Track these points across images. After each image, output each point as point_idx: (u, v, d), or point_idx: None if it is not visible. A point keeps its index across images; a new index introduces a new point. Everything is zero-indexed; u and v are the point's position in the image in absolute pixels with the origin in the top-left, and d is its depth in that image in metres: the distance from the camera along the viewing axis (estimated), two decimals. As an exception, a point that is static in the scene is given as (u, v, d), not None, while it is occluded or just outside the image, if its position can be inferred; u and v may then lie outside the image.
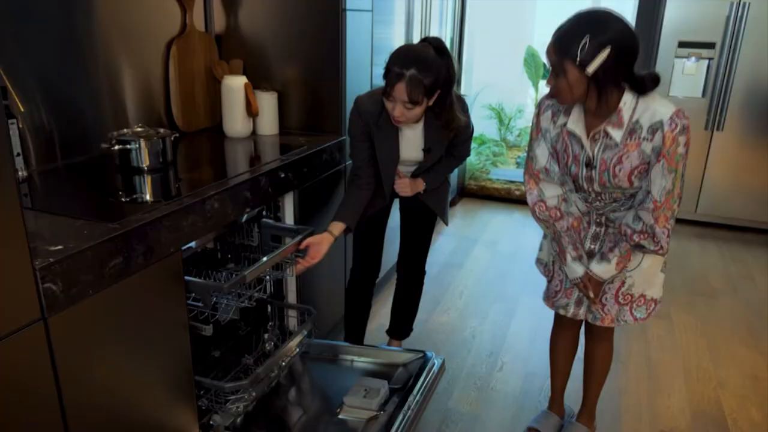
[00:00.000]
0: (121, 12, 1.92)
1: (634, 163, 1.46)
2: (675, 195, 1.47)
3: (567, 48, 1.36)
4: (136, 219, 1.33)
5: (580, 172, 1.55)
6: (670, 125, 1.39)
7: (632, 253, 1.60)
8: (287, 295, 2.11)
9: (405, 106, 1.69)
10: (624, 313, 1.70)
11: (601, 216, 1.64)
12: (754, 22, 3.50)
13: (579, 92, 1.40)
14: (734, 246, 3.71)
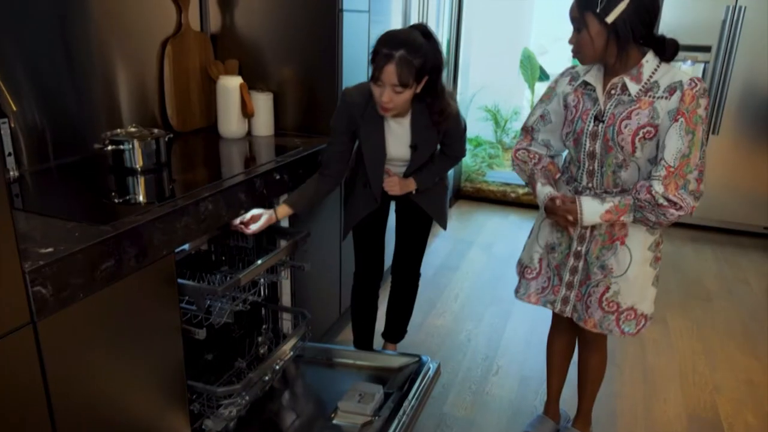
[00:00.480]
0: (115, 11, 1.89)
1: (642, 121, 1.43)
2: (691, 163, 1.39)
3: (588, 1, 1.39)
4: (128, 221, 1.31)
5: (586, 127, 1.52)
6: (690, 84, 1.38)
7: (630, 219, 1.51)
8: (281, 297, 2.09)
9: (394, 90, 1.64)
10: (608, 321, 1.65)
11: (582, 244, 1.63)
12: (749, 25, 3.51)
13: (600, 45, 1.41)
14: (729, 249, 3.72)
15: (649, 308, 1.66)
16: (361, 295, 2.18)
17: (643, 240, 1.58)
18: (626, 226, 1.57)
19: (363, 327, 2.23)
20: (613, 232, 1.59)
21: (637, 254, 1.58)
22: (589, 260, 1.64)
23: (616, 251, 1.59)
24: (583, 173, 1.59)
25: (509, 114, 5.26)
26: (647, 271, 1.61)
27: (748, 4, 3.48)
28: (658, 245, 1.61)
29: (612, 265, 1.61)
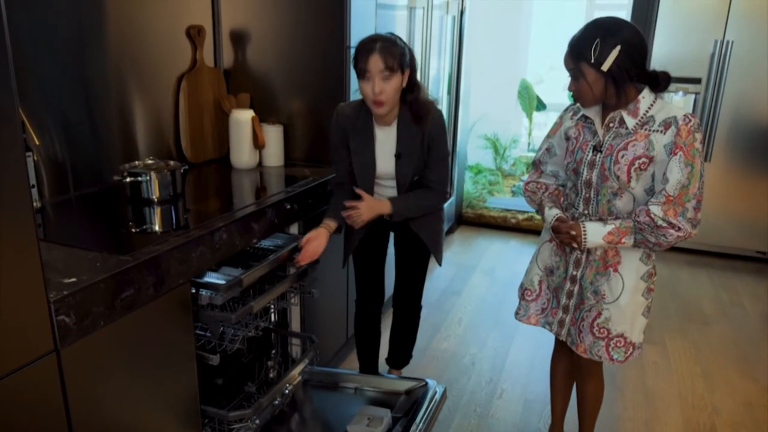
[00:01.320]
0: (134, 49, 1.99)
1: (637, 152, 1.50)
2: (690, 193, 1.47)
3: (581, 52, 1.49)
4: (147, 251, 1.37)
5: (585, 156, 1.61)
6: (685, 120, 1.46)
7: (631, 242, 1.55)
8: (291, 323, 2.14)
9: (382, 77, 1.70)
10: (598, 347, 1.69)
11: (578, 269, 1.69)
12: (737, 58, 3.64)
13: (599, 90, 1.51)
14: (724, 273, 3.78)
15: (637, 337, 1.69)
16: (363, 322, 2.22)
17: (636, 269, 1.63)
18: (619, 254, 1.63)
19: (367, 353, 2.27)
20: (606, 258, 1.64)
21: (629, 282, 1.63)
22: (584, 285, 1.70)
23: (609, 278, 1.64)
24: (580, 200, 1.66)
25: (508, 142, 5.38)
26: (639, 300, 1.66)
27: (736, 38, 3.61)
28: (650, 276, 1.66)
29: (605, 291, 1.65)
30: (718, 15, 3.62)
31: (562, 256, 1.75)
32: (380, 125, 1.89)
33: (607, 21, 1.51)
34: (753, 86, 3.66)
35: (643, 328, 1.70)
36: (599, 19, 1.53)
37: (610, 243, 1.58)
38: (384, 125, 1.89)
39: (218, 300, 1.54)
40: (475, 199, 4.70)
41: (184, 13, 2.20)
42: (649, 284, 1.67)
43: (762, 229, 3.86)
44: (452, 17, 3.71)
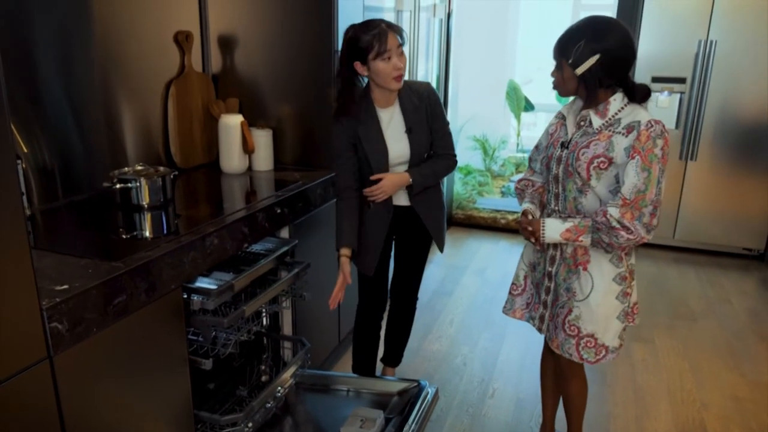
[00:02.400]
0: (122, 55, 2.00)
1: (597, 152, 1.54)
2: (647, 198, 1.49)
3: (565, 48, 1.53)
4: (138, 257, 1.38)
5: (555, 152, 1.66)
6: (647, 125, 1.49)
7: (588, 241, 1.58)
8: (283, 326, 2.15)
9: (399, 51, 1.81)
10: (569, 344, 1.70)
11: (553, 266, 1.73)
12: (721, 58, 3.70)
13: (570, 88, 1.58)
14: (711, 270, 3.84)
15: (611, 341, 1.68)
16: (366, 328, 2.23)
17: (607, 270, 1.64)
18: (588, 253, 1.65)
19: (365, 356, 2.28)
20: (576, 256, 1.67)
21: (599, 283, 1.64)
22: (558, 282, 1.73)
23: (579, 276, 1.66)
24: (551, 197, 1.71)
25: (497, 143, 5.41)
26: (612, 303, 1.65)
27: (719, 38, 3.67)
28: (624, 279, 1.66)
29: (575, 289, 1.68)
30: (701, 15, 3.68)
31: (542, 252, 1.78)
32: (383, 108, 1.94)
33: (600, 24, 1.52)
34: (736, 85, 3.72)
35: (618, 332, 1.69)
36: (596, 18, 1.55)
37: (568, 240, 1.61)
38: (387, 107, 1.94)
39: (210, 305, 1.55)
40: (465, 200, 4.73)
41: (171, 19, 2.20)
42: (624, 288, 1.67)
43: (747, 226, 3.92)
44: (439, 20, 3.73)
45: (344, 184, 1.98)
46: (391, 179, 1.94)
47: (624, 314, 1.69)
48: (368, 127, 1.92)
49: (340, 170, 1.98)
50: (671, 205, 4.03)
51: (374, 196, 1.95)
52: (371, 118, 1.92)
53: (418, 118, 1.94)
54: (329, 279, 2.32)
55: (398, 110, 1.94)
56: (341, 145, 1.96)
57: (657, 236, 4.13)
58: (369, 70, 1.84)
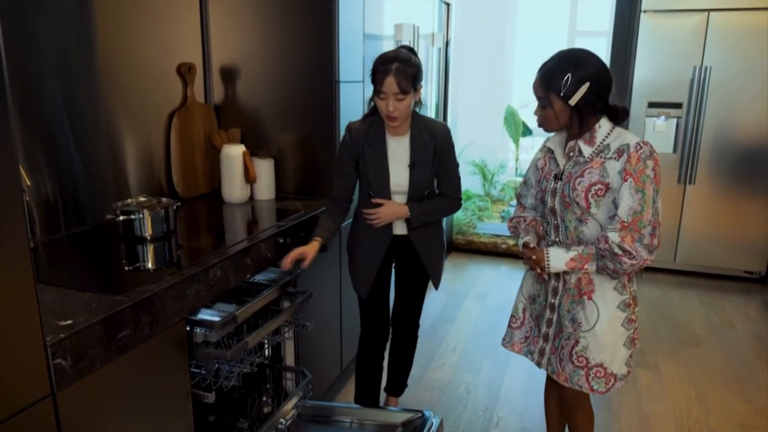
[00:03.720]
0: (125, 87, 2.02)
1: (593, 179, 1.55)
2: (644, 219, 1.50)
3: (551, 83, 1.55)
4: (142, 290, 1.37)
5: (549, 185, 1.67)
6: (636, 147, 1.52)
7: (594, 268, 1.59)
8: (285, 357, 2.13)
9: (396, 98, 1.82)
10: (578, 376, 1.67)
11: (556, 297, 1.71)
12: (716, 83, 3.75)
13: (563, 120, 1.58)
14: (713, 293, 3.82)
15: (619, 368, 1.67)
16: (369, 358, 2.22)
17: (611, 298, 1.64)
18: (593, 282, 1.64)
19: (368, 385, 2.26)
20: (581, 286, 1.65)
21: (604, 311, 1.63)
22: (561, 313, 1.71)
23: (584, 306, 1.65)
24: (551, 228, 1.71)
25: (496, 168, 5.45)
26: (618, 331, 1.65)
27: (714, 64, 3.73)
28: (628, 306, 1.65)
29: (581, 319, 1.66)
30: (695, 42, 3.74)
31: (542, 284, 1.76)
32: (393, 135, 1.96)
33: (578, 55, 1.56)
34: (732, 110, 3.77)
35: (625, 359, 1.68)
36: (571, 52, 1.58)
37: (573, 269, 1.61)
38: (397, 135, 1.96)
39: (213, 337, 1.54)
40: (465, 225, 4.73)
41: (174, 51, 2.23)
42: (629, 314, 1.66)
43: (748, 249, 3.93)
44: (438, 48, 3.79)
45: (337, 193, 2.04)
46: (390, 208, 1.97)
47: (630, 341, 1.67)
48: (374, 150, 1.95)
49: (337, 182, 2.04)
50: (671, 229, 4.05)
51: (370, 220, 1.98)
52: (379, 142, 1.95)
53: (424, 155, 1.95)
54: (332, 308, 2.32)
55: (407, 142, 1.96)
56: (343, 158, 2.00)
57: (658, 260, 4.14)
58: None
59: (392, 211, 1.98)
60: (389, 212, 1.97)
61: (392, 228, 2.02)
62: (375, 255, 2.04)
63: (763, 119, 3.72)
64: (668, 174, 3.97)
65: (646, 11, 3.80)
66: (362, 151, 1.96)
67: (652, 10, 3.79)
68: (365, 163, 1.96)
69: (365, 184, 2.00)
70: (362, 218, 2.03)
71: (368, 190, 2.00)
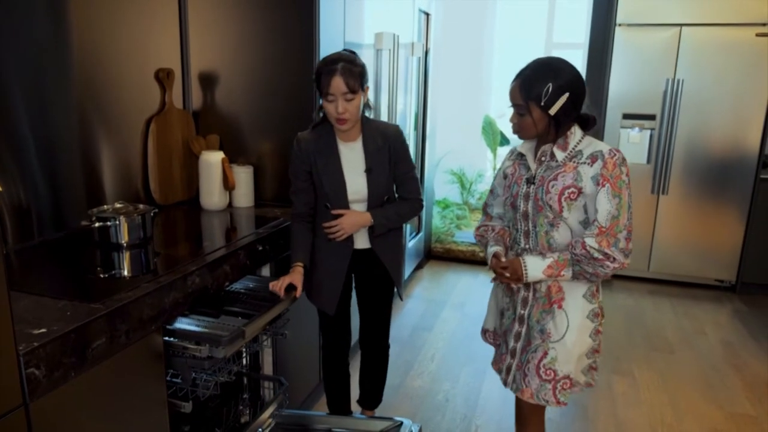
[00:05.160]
0: (102, 92, 1.99)
1: (567, 182, 1.56)
2: (620, 224, 1.52)
3: (530, 91, 1.56)
4: (118, 298, 1.35)
5: (521, 189, 1.66)
6: (610, 153, 1.54)
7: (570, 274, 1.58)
8: (263, 366, 2.11)
9: (345, 99, 1.76)
10: (545, 390, 1.65)
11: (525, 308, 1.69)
12: (688, 96, 3.86)
13: (541, 128, 1.59)
14: (685, 301, 3.91)
15: (578, 376, 1.67)
16: (332, 368, 2.18)
17: (581, 306, 1.64)
18: (563, 290, 1.63)
19: (337, 397, 2.23)
20: (551, 294, 1.64)
21: (574, 320, 1.63)
22: (531, 324, 1.68)
23: (554, 315, 1.64)
24: (520, 235, 1.68)
25: (474, 177, 5.49)
26: (585, 341, 1.64)
27: (686, 77, 3.84)
28: (597, 316, 1.66)
29: (550, 329, 1.64)
30: (668, 55, 3.85)
31: (511, 296, 1.74)
32: (345, 142, 1.90)
33: (557, 64, 1.57)
34: (703, 121, 3.88)
35: (584, 368, 1.67)
36: (549, 60, 1.60)
37: (551, 276, 1.60)
38: (348, 141, 1.90)
39: (220, 353, 1.51)
40: (444, 233, 4.76)
41: (152, 56, 2.21)
42: (597, 325, 1.66)
43: (719, 258, 4.03)
44: (417, 58, 3.82)
45: (297, 211, 1.96)
46: (352, 217, 1.89)
47: (592, 351, 1.67)
48: (327, 160, 1.88)
49: (295, 198, 1.95)
50: (645, 238, 4.13)
51: (333, 234, 1.90)
52: (331, 150, 1.88)
53: (379, 159, 1.90)
54: (310, 317, 2.31)
55: (360, 148, 1.90)
56: (296, 172, 1.92)
57: (632, 269, 4.22)
58: None
59: (355, 221, 1.89)
60: (352, 222, 1.89)
61: (353, 243, 1.96)
62: (338, 268, 1.97)
63: (732, 130, 3.83)
64: (642, 184, 4.06)
65: (620, 25, 3.89)
66: (314, 162, 1.88)
67: (627, 23, 3.88)
68: (319, 174, 1.88)
69: (321, 196, 1.92)
70: (321, 234, 1.94)
71: (325, 202, 1.91)
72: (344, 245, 1.94)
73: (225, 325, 1.58)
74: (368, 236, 1.96)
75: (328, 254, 1.96)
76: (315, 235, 1.97)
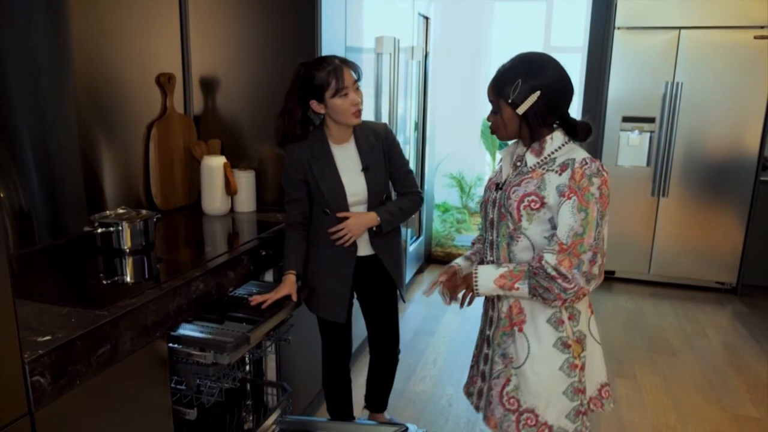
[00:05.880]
0: (103, 97, 1.98)
1: (528, 189, 1.40)
2: (585, 243, 1.33)
3: (502, 88, 1.41)
4: (123, 305, 1.34)
5: (491, 195, 1.52)
6: (581, 163, 1.36)
7: (526, 289, 1.39)
8: (266, 372, 2.10)
9: (355, 87, 1.79)
10: (508, 422, 1.48)
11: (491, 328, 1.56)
12: (687, 98, 3.87)
13: (512, 129, 1.44)
14: (686, 304, 3.91)
15: (556, 420, 1.44)
16: (333, 376, 2.14)
17: (544, 333, 1.44)
18: (524, 311, 1.46)
19: (339, 404, 2.18)
20: (511, 315, 1.48)
21: (536, 347, 1.45)
22: (493, 347, 1.53)
23: (515, 339, 1.47)
24: (487, 246, 1.53)
25: (473, 180, 5.50)
26: (554, 374, 1.44)
27: (685, 80, 3.85)
28: (567, 347, 1.44)
29: (512, 354, 1.48)
30: (667, 58, 3.86)
31: (487, 314, 1.59)
32: (338, 145, 1.89)
33: (534, 60, 1.42)
34: (703, 124, 3.89)
35: (566, 411, 1.45)
36: (528, 55, 1.44)
37: (503, 287, 1.41)
38: (341, 143, 1.89)
39: (224, 359, 1.50)
40: (444, 237, 4.76)
41: (154, 61, 2.21)
42: (570, 358, 1.44)
43: (719, 260, 4.03)
44: (417, 62, 3.83)
45: (291, 220, 1.92)
46: (358, 219, 1.85)
47: (573, 391, 1.45)
48: (322, 165, 1.85)
49: (289, 207, 1.91)
50: (646, 240, 4.13)
51: (340, 239, 1.86)
52: (325, 155, 1.86)
53: (374, 158, 1.89)
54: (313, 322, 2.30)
55: (353, 148, 1.88)
56: (291, 182, 1.88)
57: (633, 271, 4.22)
58: (326, 108, 1.80)
59: (360, 222, 1.85)
60: (358, 223, 1.85)
61: (356, 250, 1.92)
62: (343, 274, 1.92)
63: (732, 132, 3.84)
64: (642, 187, 4.07)
65: (619, 28, 3.90)
66: (309, 169, 1.85)
67: (626, 27, 3.89)
68: (315, 180, 1.85)
69: (320, 203, 1.88)
70: (323, 242, 1.90)
71: (324, 208, 1.88)
72: (348, 251, 1.91)
73: (230, 331, 1.57)
74: (369, 240, 1.94)
75: (332, 262, 1.93)
76: (315, 244, 1.93)
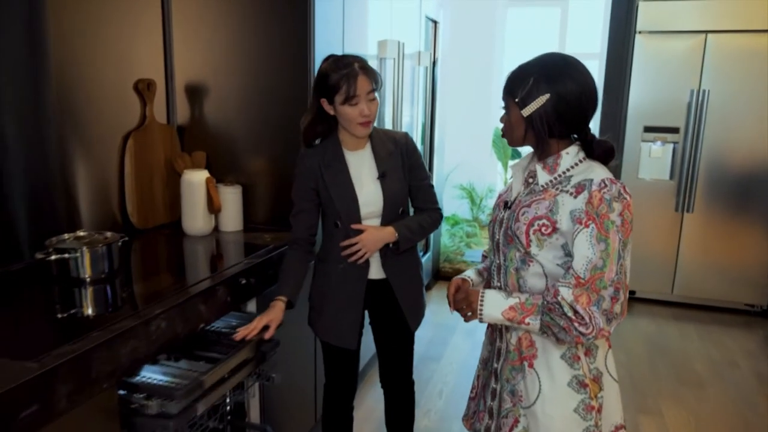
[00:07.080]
0: (75, 103, 1.80)
1: (539, 212, 1.25)
2: (605, 278, 1.18)
3: (512, 85, 1.29)
4: (60, 353, 1.13)
5: (499, 213, 1.38)
6: (600, 185, 1.20)
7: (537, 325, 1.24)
8: (249, 412, 1.87)
9: (369, 99, 1.61)
10: None
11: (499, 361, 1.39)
12: (714, 107, 3.61)
13: (518, 133, 1.30)
14: (713, 328, 3.63)
15: None
16: (335, 411, 1.94)
17: (558, 370, 1.29)
18: (534, 345, 1.31)
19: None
20: (521, 348, 1.32)
21: (548, 386, 1.29)
22: (501, 382, 1.37)
23: (525, 375, 1.32)
24: (494, 269, 1.39)
25: (484, 192, 5.27)
26: (570, 418, 1.27)
27: (712, 87, 3.60)
28: (584, 386, 1.28)
29: (521, 392, 1.33)
30: (693, 64, 3.62)
31: (492, 344, 1.43)
32: (352, 151, 1.71)
33: (555, 63, 1.27)
34: (731, 135, 3.63)
35: None
36: (551, 56, 1.29)
37: (512, 321, 1.26)
38: (356, 149, 1.72)
39: (173, 408, 1.29)
40: (453, 252, 4.52)
41: (133, 65, 2.02)
42: (587, 398, 1.28)
43: (749, 281, 3.75)
44: (424, 68, 3.62)
45: (296, 236, 1.73)
46: (373, 233, 1.66)
47: None
48: (335, 172, 1.68)
49: (295, 221, 1.73)
50: (669, 258, 3.87)
51: (352, 253, 1.67)
52: (338, 161, 1.69)
53: (392, 164, 1.71)
54: (305, 355, 2.08)
55: (369, 154, 1.72)
56: (301, 191, 1.71)
57: (655, 291, 3.96)
58: (335, 111, 1.64)
59: (377, 236, 1.66)
60: (374, 238, 1.66)
61: (366, 270, 1.74)
62: (353, 296, 1.74)
63: (762, 144, 3.58)
64: (665, 202, 3.81)
65: (641, 32, 3.66)
66: (321, 177, 1.68)
67: (648, 31, 3.65)
68: (326, 188, 1.68)
69: (330, 214, 1.71)
70: (331, 258, 1.73)
71: (334, 220, 1.70)
72: (359, 270, 1.72)
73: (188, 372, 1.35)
74: (380, 264, 1.74)
75: (341, 282, 1.73)
76: (324, 260, 1.76)
